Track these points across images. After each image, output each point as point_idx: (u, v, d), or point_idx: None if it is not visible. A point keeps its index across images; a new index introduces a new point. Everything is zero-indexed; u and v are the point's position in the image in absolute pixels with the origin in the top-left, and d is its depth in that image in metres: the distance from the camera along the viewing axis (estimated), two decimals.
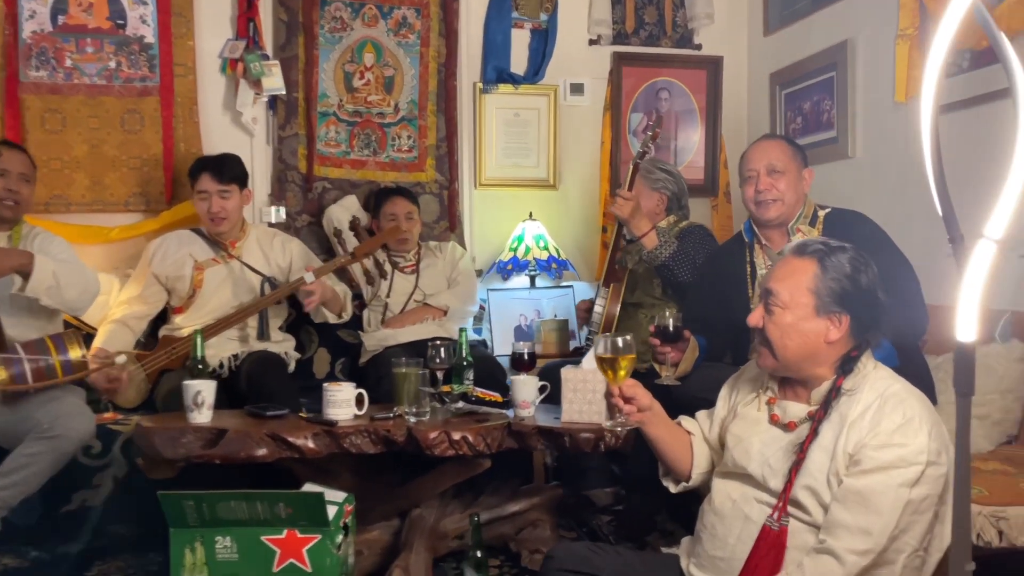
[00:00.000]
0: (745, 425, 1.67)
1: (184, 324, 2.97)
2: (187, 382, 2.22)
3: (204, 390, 2.20)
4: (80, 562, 2.55)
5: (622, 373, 1.64)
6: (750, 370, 1.79)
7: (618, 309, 2.91)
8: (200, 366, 2.37)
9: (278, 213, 3.49)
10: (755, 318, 1.62)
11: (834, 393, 1.54)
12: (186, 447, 2.11)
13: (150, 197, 3.40)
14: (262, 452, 2.09)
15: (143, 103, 3.37)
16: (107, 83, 3.33)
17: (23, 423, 2.37)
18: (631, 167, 2.79)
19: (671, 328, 2.18)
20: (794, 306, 1.55)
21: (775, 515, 1.53)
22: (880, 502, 1.41)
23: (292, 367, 3.07)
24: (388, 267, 3.23)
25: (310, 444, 2.13)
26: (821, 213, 2.41)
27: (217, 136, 3.42)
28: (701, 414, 1.84)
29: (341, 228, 3.33)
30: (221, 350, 2.95)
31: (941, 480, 1.43)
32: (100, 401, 2.83)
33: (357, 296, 3.34)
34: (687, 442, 1.81)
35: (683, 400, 2.33)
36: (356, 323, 3.30)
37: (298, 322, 3.24)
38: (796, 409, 1.60)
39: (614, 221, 3.77)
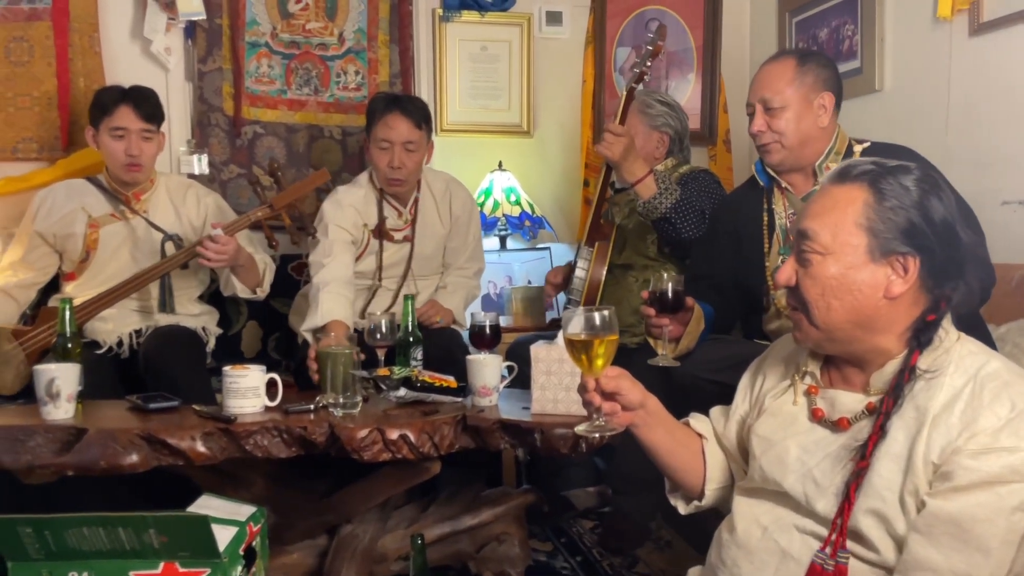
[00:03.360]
0: (776, 424, 1.24)
1: (77, 294, 2.43)
2: (38, 367, 1.71)
3: (61, 377, 1.69)
4: None
5: (599, 361, 1.18)
6: (780, 350, 1.35)
7: (604, 273, 2.41)
8: (69, 345, 1.85)
9: (200, 163, 2.94)
10: (785, 274, 1.17)
11: (906, 375, 1.10)
12: (33, 453, 1.60)
13: (43, 142, 2.84)
14: (132, 459, 1.59)
15: (32, 29, 2.80)
16: None
17: None
18: (624, 95, 2.25)
19: (670, 295, 1.74)
20: (839, 250, 1.13)
21: (827, 550, 1.11)
22: (985, 534, 1.00)
23: (212, 345, 2.54)
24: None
25: (199, 447, 1.63)
26: (858, 148, 1.93)
27: (124, 70, 2.86)
28: (716, 411, 1.41)
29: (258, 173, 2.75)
30: (121, 324, 2.43)
31: None
32: None
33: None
34: (697, 448, 1.37)
35: (685, 382, 1.88)
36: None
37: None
38: (849, 401, 1.17)
39: (598, 171, 3.28)
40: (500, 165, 3.16)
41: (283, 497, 1.87)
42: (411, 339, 2.04)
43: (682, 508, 1.39)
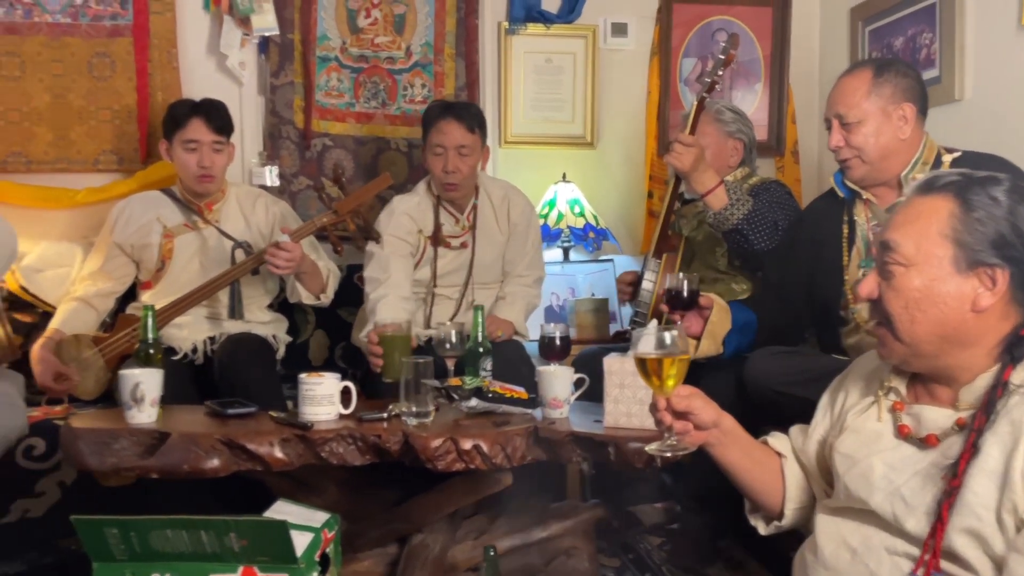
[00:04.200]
0: (860, 441, 1.22)
1: (153, 302, 2.48)
2: (123, 372, 1.75)
3: (145, 381, 1.73)
4: None
5: (671, 381, 1.19)
6: (862, 367, 1.33)
7: None
8: (151, 351, 1.90)
9: (271, 175, 3.00)
10: (868, 286, 1.16)
11: (999, 390, 1.07)
12: (118, 455, 1.64)
13: (123, 155, 2.93)
14: (213, 464, 1.61)
15: (114, 45, 2.90)
16: (72, 21, 2.87)
17: None
18: (694, 105, 2.23)
19: (684, 292, 1.87)
20: (924, 261, 1.11)
21: (920, 572, 1.08)
22: None
23: (281, 352, 2.59)
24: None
25: (277, 453, 1.65)
26: (947, 158, 1.88)
27: (200, 84, 2.94)
28: (795, 429, 1.39)
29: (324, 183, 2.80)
30: (195, 332, 2.49)
31: None
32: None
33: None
34: (776, 468, 1.36)
35: (758, 395, 1.85)
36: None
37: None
38: (937, 417, 1.15)
39: (663, 182, 3.25)
40: (564, 176, 3.15)
41: (355, 505, 1.88)
42: (480, 350, 2.04)
43: (762, 528, 1.37)
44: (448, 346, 2.03)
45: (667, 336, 1.18)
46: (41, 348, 2.35)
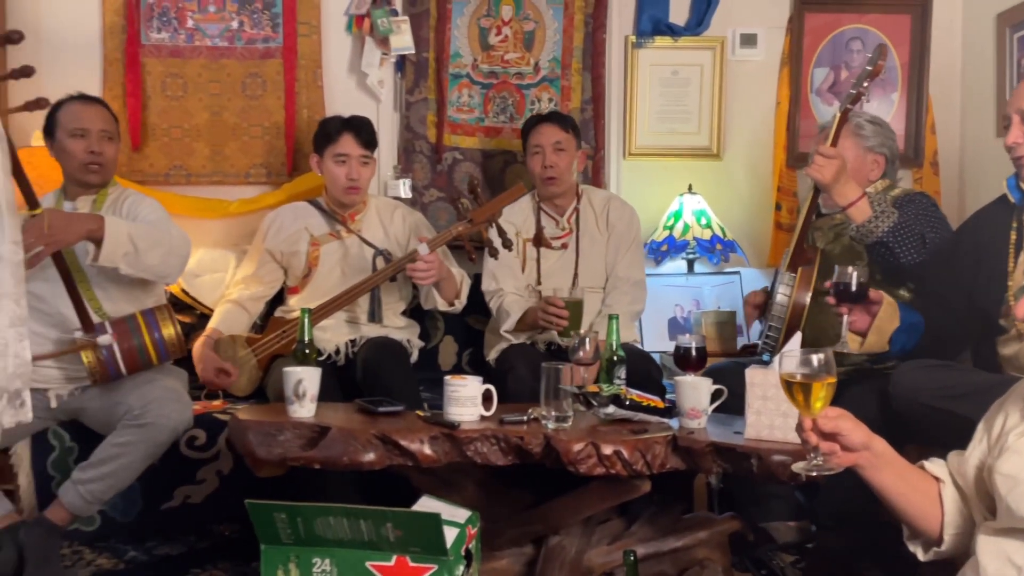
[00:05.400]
0: (1023, 462, 1.19)
1: (299, 306, 2.66)
2: (287, 369, 1.88)
3: (307, 379, 1.85)
4: (179, 565, 2.28)
5: (818, 404, 1.19)
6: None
7: (808, 298, 2.33)
8: (307, 351, 2.03)
9: (404, 187, 3.14)
10: None
11: None
12: (283, 446, 1.76)
13: (271, 168, 3.14)
14: (369, 457, 1.71)
15: (265, 66, 3.12)
16: (229, 45, 3.10)
17: (115, 408, 2.13)
18: (837, 116, 2.19)
19: (852, 285, 1.83)
20: None
21: None
22: None
23: (415, 357, 2.70)
24: (524, 232, 2.74)
25: (426, 450, 1.73)
26: None
27: (341, 101, 3.11)
28: (952, 454, 1.36)
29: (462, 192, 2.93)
30: (337, 334, 2.63)
31: None
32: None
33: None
34: (933, 492, 1.32)
35: (904, 408, 1.80)
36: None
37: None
38: None
39: (791, 194, 3.20)
40: (690, 188, 3.15)
41: (492, 504, 1.94)
42: (615, 359, 2.06)
43: (920, 555, 1.34)
44: (582, 353, 2.07)
45: (814, 359, 1.19)
46: (202, 346, 2.54)
